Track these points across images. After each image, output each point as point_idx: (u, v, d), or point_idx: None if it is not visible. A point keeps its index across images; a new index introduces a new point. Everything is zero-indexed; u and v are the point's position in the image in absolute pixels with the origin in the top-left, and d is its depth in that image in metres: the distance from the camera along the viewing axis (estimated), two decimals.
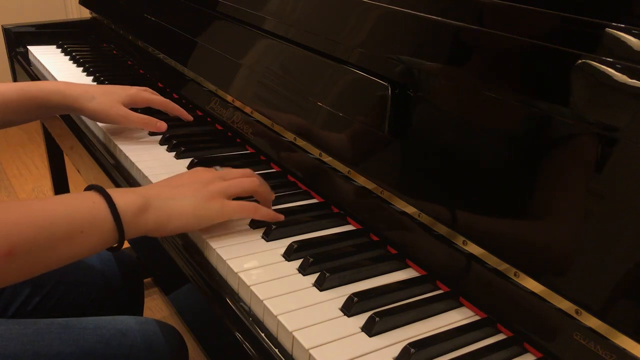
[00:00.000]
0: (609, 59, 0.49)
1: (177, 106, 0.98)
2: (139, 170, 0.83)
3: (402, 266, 0.66)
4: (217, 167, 0.75)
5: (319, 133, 0.78)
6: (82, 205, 0.61)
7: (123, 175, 0.86)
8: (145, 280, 1.11)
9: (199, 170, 0.73)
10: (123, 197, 0.63)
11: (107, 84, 1.17)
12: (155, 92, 1.00)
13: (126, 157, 0.87)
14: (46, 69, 1.28)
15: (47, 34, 1.51)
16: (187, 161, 0.86)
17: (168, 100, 0.98)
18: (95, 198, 0.62)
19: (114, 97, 0.91)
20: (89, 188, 0.64)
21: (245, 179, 0.72)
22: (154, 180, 0.80)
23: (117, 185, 0.86)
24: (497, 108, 0.59)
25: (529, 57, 0.56)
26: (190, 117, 0.99)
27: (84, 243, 0.60)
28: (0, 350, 0.71)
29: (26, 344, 0.72)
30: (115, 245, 0.63)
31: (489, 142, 0.60)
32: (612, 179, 0.49)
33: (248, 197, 0.72)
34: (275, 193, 0.78)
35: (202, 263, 0.67)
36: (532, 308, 0.54)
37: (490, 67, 0.60)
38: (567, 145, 0.53)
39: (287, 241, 0.67)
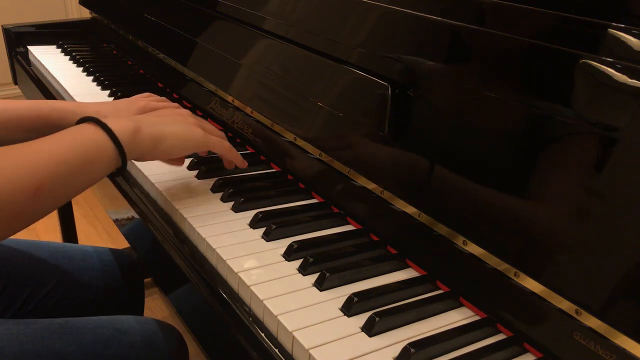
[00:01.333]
0: (609, 59, 0.49)
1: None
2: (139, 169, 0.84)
3: (402, 266, 0.66)
4: None
5: (319, 133, 0.78)
6: (85, 138, 0.67)
7: (124, 176, 0.86)
8: (145, 280, 1.11)
9: (178, 107, 0.84)
10: (117, 123, 0.70)
11: (107, 84, 1.17)
12: (160, 97, 0.99)
13: None
14: (46, 69, 1.28)
15: (47, 34, 1.51)
16: (187, 161, 0.86)
17: (176, 105, 0.97)
18: (94, 129, 0.68)
19: (124, 113, 0.91)
20: (83, 120, 0.70)
21: (219, 130, 0.82)
22: (150, 172, 0.80)
23: (117, 185, 0.86)
24: (497, 108, 0.59)
25: (529, 57, 0.56)
26: None
27: (94, 170, 0.68)
28: (0, 350, 0.71)
29: (26, 344, 0.72)
30: (120, 166, 0.70)
31: (489, 142, 0.60)
32: (612, 179, 0.49)
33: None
34: (276, 193, 0.78)
35: (202, 263, 0.67)
36: (532, 308, 0.54)
37: (490, 67, 0.60)
38: (567, 145, 0.53)
39: (287, 241, 0.67)
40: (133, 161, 0.86)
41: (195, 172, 0.83)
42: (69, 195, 0.67)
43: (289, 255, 0.65)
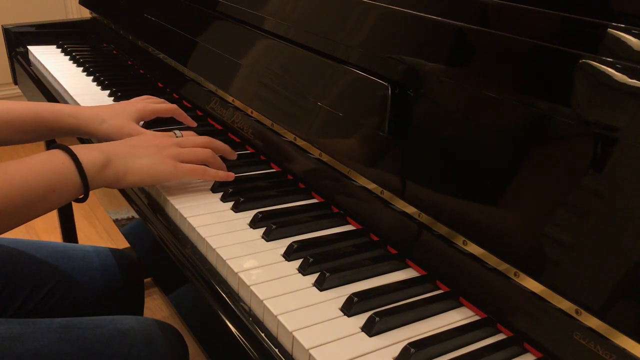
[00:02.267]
0: (609, 59, 0.49)
1: (183, 113, 0.98)
2: None
3: (402, 266, 0.66)
4: (177, 132, 0.84)
5: (319, 133, 0.78)
6: (52, 167, 0.68)
7: None
8: (145, 280, 1.11)
9: (159, 134, 0.82)
10: (87, 155, 0.71)
11: (107, 83, 1.17)
12: (159, 99, 0.99)
13: None
14: (46, 69, 1.28)
15: (47, 34, 1.51)
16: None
17: (174, 106, 0.97)
18: (63, 158, 0.69)
19: (124, 116, 0.91)
20: (55, 147, 0.71)
21: (198, 150, 0.80)
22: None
23: None
24: (497, 108, 0.59)
25: (529, 57, 0.56)
26: (194, 124, 0.98)
27: (55, 199, 0.69)
28: (0, 350, 0.71)
29: (26, 344, 0.72)
30: (81, 197, 0.71)
31: (489, 142, 0.60)
32: (612, 179, 0.49)
33: None
34: (276, 193, 0.78)
35: (202, 263, 0.67)
36: (532, 308, 0.54)
37: (490, 67, 0.60)
38: (567, 145, 0.53)
39: (287, 241, 0.67)
40: None
41: None
42: (26, 219, 0.67)
43: (289, 255, 0.65)
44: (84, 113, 0.90)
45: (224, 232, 0.69)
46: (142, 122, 0.94)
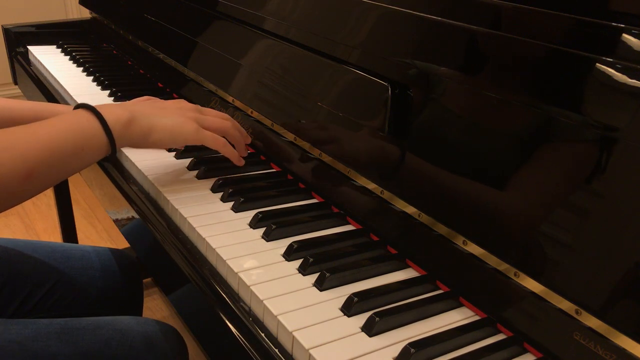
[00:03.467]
0: (609, 59, 0.49)
1: None
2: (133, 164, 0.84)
3: (402, 266, 0.66)
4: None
5: (319, 133, 0.78)
6: (79, 126, 0.69)
7: (124, 176, 0.86)
8: (145, 280, 1.11)
9: (182, 100, 0.84)
10: (112, 113, 0.72)
11: (107, 84, 1.17)
12: (162, 100, 0.98)
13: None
14: (46, 69, 1.28)
15: (47, 34, 1.51)
16: (187, 161, 0.86)
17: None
18: (89, 117, 0.71)
19: None
20: (79, 106, 0.72)
21: (220, 120, 0.81)
22: (149, 172, 0.81)
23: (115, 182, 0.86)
24: (497, 108, 0.59)
25: (529, 58, 0.56)
26: None
27: (85, 157, 0.70)
28: None
29: (25, 344, 0.72)
30: (109, 154, 0.73)
31: (489, 142, 0.60)
32: (612, 179, 0.49)
33: None
34: (276, 193, 0.78)
35: (202, 263, 0.67)
36: (532, 308, 0.54)
37: (491, 68, 0.60)
38: (567, 145, 0.53)
39: (287, 241, 0.67)
40: (132, 161, 0.86)
41: (195, 172, 0.83)
42: (58, 179, 0.70)
43: (289, 255, 0.65)
44: None
45: (224, 232, 0.69)
46: None
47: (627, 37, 0.49)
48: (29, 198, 0.67)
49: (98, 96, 1.13)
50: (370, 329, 0.55)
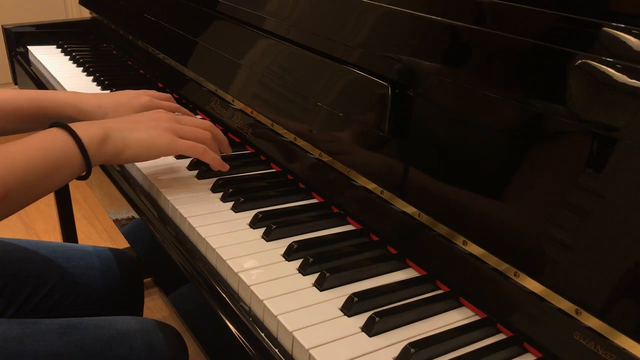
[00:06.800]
0: (609, 59, 0.49)
1: (188, 112, 0.97)
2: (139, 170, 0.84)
3: (402, 266, 0.66)
4: (178, 114, 0.85)
5: (319, 133, 0.78)
6: (54, 145, 0.69)
7: (124, 176, 0.86)
8: (145, 280, 1.11)
9: (159, 111, 0.82)
10: (86, 131, 0.71)
11: (107, 84, 1.17)
12: (166, 94, 0.97)
13: None
14: (46, 69, 1.28)
15: (47, 34, 1.51)
16: (187, 161, 0.86)
17: (178, 106, 0.97)
18: (63, 136, 0.70)
19: (126, 109, 0.90)
20: (54, 125, 0.72)
21: (199, 129, 0.79)
22: (149, 172, 0.80)
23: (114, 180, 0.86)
24: (497, 108, 0.59)
25: (529, 57, 0.56)
26: None
27: (59, 176, 0.69)
28: (0, 350, 0.71)
29: (26, 344, 0.72)
30: (83, 174, 0.72)
31: (489, 142, 0.60)
32: (612, 179, 0.49)
33: None
34: (276, 193, 0.78)
35: (202, 263, 0.67)
36: (532, 308, 0.54)
37: (490, 67, 0.60)
38: (567, 145, 0.53)
39: (287, 241, 0.67)
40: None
41: (195, 172, 0.83)
42: (33, 200, 0.68)
43: (289, 255, 0.65)
44: (86, 104, 0.89)
45: (224, 232, 0.69)
46: None
47: (627, 37, 0.49)
48: (3, 219, 0.65)
49: None
50: (370, 329, 0.55)
